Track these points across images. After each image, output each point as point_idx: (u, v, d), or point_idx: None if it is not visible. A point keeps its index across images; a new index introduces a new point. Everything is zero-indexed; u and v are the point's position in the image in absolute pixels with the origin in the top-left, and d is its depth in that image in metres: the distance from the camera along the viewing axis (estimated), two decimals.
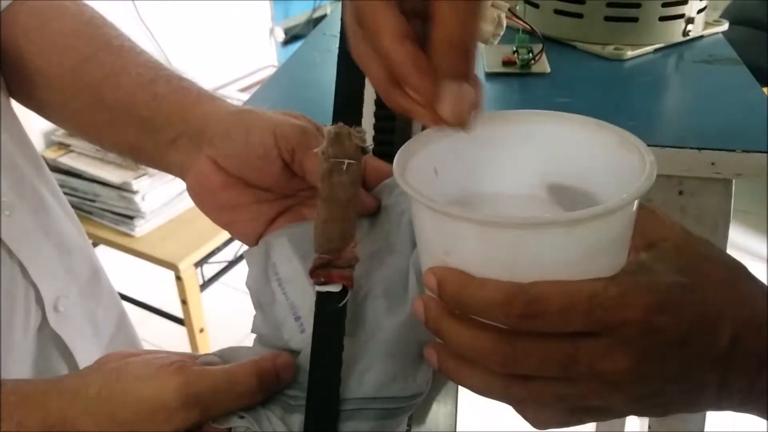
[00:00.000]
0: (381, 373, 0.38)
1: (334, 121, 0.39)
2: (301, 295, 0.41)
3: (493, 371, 0.32)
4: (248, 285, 0.43)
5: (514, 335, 0.30)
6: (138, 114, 0.47)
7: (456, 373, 0.34)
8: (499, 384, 0.32)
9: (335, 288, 0.37)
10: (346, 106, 0.41)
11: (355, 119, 0.40)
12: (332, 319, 0.37)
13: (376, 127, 0.46)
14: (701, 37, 0.89)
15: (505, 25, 0.51)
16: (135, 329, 0.68)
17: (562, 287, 0.29)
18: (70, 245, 0.57)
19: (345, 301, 0.37)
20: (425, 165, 0.34)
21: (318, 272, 0.37)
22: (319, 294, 0.38)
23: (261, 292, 0.42)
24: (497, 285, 0.30)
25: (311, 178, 0.43)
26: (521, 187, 0.37)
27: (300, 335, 0.40)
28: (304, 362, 0.38)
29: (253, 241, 0.45)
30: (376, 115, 0.46)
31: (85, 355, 0.56)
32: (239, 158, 0.43)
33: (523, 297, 0.29)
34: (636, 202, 0.31)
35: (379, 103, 0.46)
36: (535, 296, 0.29)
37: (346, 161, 0.37)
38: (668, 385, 0.31)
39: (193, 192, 0.45)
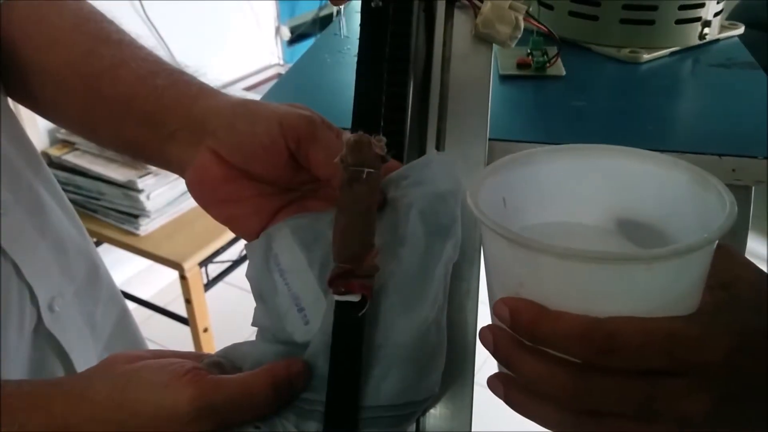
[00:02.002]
0: (398, 381, 0.37)
1: (354, 128, 0.39)
2: (303, 286, 0.40)
3: (565, 406, 0.31)
4: (248, 276, 0.42)
5: (590, 370, 0.30)
6: (138, 107, 0.45)
7: (524, 407, 0.33)
8: (570, 420, 0.31)
9: (354, 298, 0.36)
10: (366, 114, 0.40)
11: (375, 127, 0.40)
12: (351, 329, 0.36)
13: (385, 131, 0.45)
14: (717, 40, 0.88)
15: (522, 27, 0.50)
16: (138, 329, 0.67)
17: (641, 324, 0.29)
18: (67, 245, 0.55)
19: (364, 311, 0.36)
20: (493, 194, 0.34)
21: (337, 282, 0.36)
22: (337, 304, 0.37)
23: (262, 283, 0.41)
24: (574, 318, 0.29)
25: (316, 171, 0.42)
26: (589, 220, 0.37)
27: (304, 327, 0.39)
28: (311, 359, 0.37)
29: (254, 237, 0.44)
30: (385, 118, 0.45)
31: (82, 356, 0.55)
32: (244, 149, 0.42)
33: (601, 331, 0.29)
34: (716, 242, 0.30)
35: (388, 106, 0.45)
36: (613, 331, 0.29)
37: (366, 170, 0.36)
38: (747, 429, 0.31)
39: (193, 186, 0.44)
